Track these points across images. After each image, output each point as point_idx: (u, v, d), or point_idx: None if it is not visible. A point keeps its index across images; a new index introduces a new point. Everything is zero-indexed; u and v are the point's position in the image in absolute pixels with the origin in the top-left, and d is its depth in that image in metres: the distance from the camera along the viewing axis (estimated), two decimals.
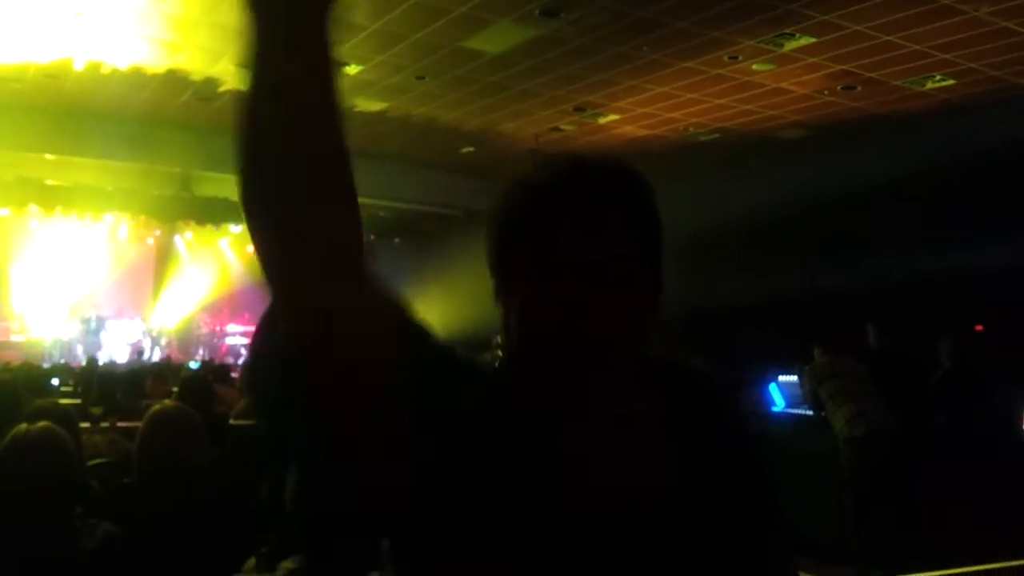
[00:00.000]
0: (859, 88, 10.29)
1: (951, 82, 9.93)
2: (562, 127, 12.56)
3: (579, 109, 11.70)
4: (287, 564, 2.24)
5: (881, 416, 6.28)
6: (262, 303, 1.01)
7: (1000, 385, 7.02)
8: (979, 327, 10.14)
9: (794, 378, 7.64)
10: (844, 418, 6.28)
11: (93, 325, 16.22)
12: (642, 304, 1.06)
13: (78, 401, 6.43)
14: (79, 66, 10.44)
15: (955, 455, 6.43)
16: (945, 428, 6.68)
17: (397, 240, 18.22)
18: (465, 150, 13.96)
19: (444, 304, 15.93)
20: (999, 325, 9.55)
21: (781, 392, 8.33)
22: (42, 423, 2.61)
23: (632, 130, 12.49)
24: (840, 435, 6.29)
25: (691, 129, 12.28)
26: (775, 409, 8.28)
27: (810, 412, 6.79)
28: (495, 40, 9.33)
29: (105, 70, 10.61)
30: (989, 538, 5.28)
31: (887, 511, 6.14)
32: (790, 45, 9.06)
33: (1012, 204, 9.74)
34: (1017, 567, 2.55)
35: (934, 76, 9.79)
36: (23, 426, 2.56)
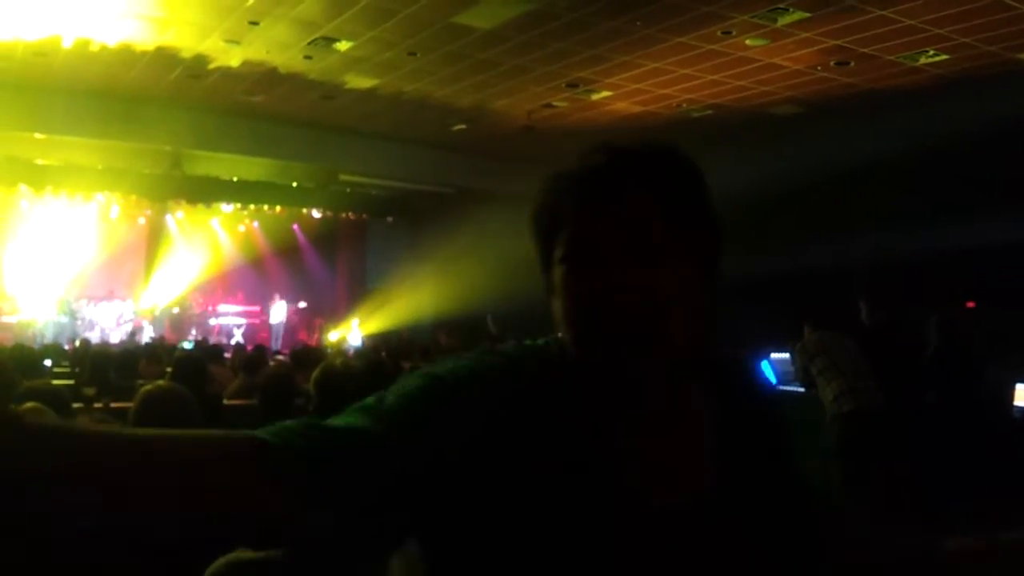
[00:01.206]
0: (852, 64, 10.27)
1: (944, 57, 9.90)
2: (555, 103, 12.52)
3: (572, 85, 11.65)
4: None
5: (870, 393, 6.29)
6: (254, 282, 1.01)
7: (991, 362, 7.04)
8: (971, 304, 10.18)
9: (786, 355, 7.65)
10: (833, 394, 6.29)
11: (68, 309, 16.14)
12: (681, 285, 1.03)
13: (71, 382, 6.42)
14: (67, 44, 10.36)
15: (945, 432, 6.46)
16: (936, 405, 6.70)
17: (390, 219, 18.18)
18: (458, 127, 13.90)
19: (438, 283, 15.93)
20: (991, 302, 9.58)
21: (773, 369, 8.36)
22: (29, 404, 2.60)
23: (625, 106, 12.45)
24: (828, 411, 6.30)
25: (684, 105, 12.24)
26: None
27: (802, 389, 6.80)
28: (487, 15, 9.27)
29: (94, 48, 10.53)
30: (978, 514, 5.32)
31: (874, 487, 6.17)
32: (783, 20, 9.02)
33: (1005, 181, 9.75)
34: (1005, 542, 2.56)
35: (927, 51, 9.76)
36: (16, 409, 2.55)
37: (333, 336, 17.85)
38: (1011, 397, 7.00)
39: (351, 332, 17.74)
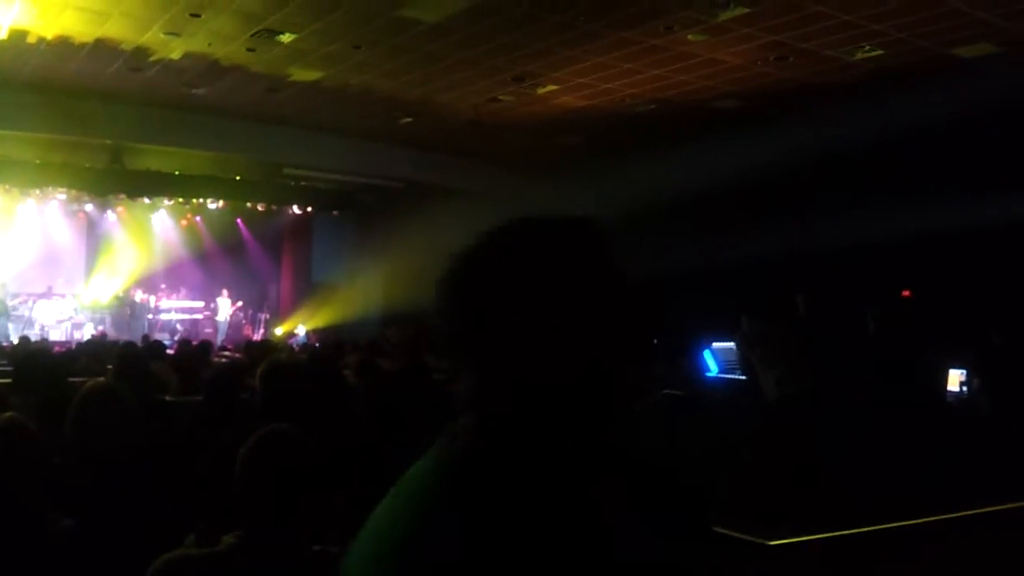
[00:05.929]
0: (791, 59, 10.44)
1: (880, 52, 10.11)
2: (501, 97, 12.54)
3: (517, 79, 11.68)
4: (228, 539, 2.25)
5: (810, 381, 6.44)
6: (198, 278, 1.05)
7: (925, 349, 7.23)
8: (906, 293, 10.43)
9: (727, 344, 7.80)
10: (775, 379, 6.44)
11: (5, 306, 15.80)
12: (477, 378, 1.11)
13: (8, 380, 6.30)
14: (3, 35, 10.12)
15: (880, 420, 6.62)
16: (871, 393, 6.87)
17: (336, 213, 18.06)
18: (404, 121, 13.86)
19: (385, 278, 15.87)
20: (925, 291, 9.83)
21: (715, 358, 8.51)
22: (8, 414, 2.60)
23: (570, 100, 12.52)
24: (771, 395, 6.44)
25: (628, 100, 12.35)
26: (709, 374, 8.46)
27: (743, 377, 6.95)
28: (432, 8, 9.26)
29: (31, 39, 10.30)
30: (912, 500, 5.47)
31: (811, 473, 6.30)
32: (724, 15, 9.14)
33: (938, 173, 10.01)
34: (932, 523, 2.68)
35: (864, 46, 9.97)
36: None
37: (279, 332, 17.70)
38: (944, 383, 7.21)
39: (297, 327, 17.61)
